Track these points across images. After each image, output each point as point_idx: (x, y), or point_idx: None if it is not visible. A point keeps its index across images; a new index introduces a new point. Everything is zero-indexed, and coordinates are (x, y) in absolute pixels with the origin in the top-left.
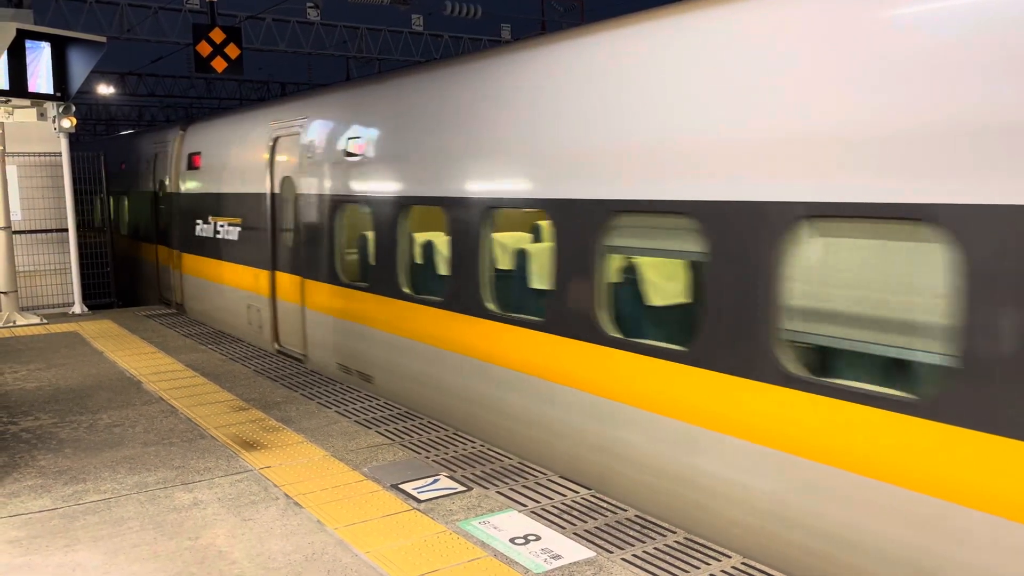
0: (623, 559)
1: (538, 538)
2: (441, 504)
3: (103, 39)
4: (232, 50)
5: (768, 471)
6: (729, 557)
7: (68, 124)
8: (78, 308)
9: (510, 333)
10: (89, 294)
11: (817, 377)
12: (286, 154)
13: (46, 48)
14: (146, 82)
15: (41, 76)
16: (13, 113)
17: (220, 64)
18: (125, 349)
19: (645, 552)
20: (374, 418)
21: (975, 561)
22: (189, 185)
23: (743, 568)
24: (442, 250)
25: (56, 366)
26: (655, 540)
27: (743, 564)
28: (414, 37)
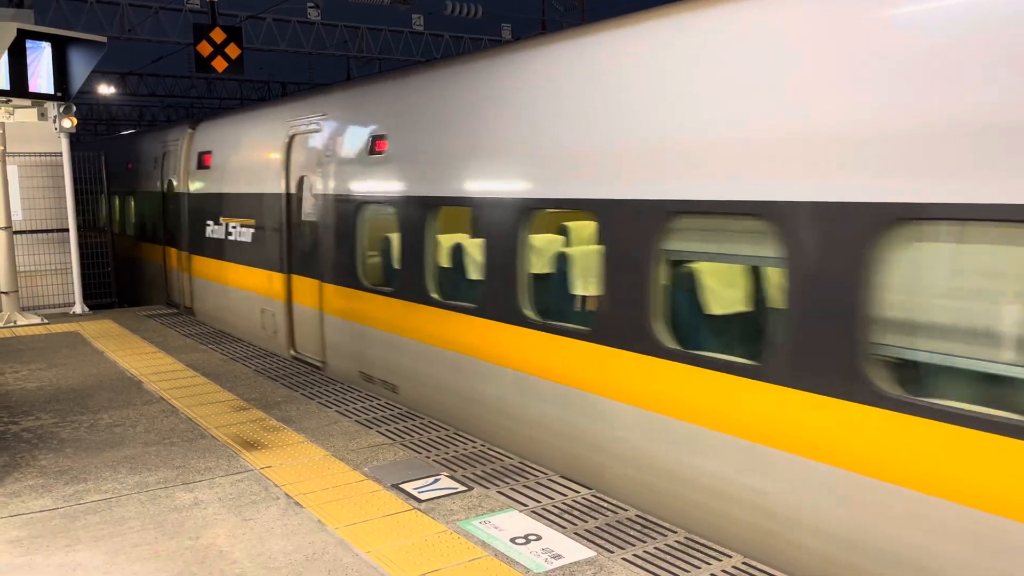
0: (624, 559)
1: (539, 538)
2: (442, 504)
3: (104, 39)
4: (233, 50)
5: (857, 499)
6: (730, 557)
7: (69, 124)
8: (79, 308)
9: (552, 343)
10: (90, 294)
11: (921, 398)
12: (303, 153)
13: (47, 48)
14: (147, 82)
15: (42, 76)
16: (14, 113)
17: (221, 64)
18: (126, 349)
19: (646, 552)
20: (375, 418)
21: None
22: (199, 185)
23: (744, 568)
24: (474, 254)
25: (57, 366)
26: (656, 540)
27: (744, 564)
28: (415, 37)
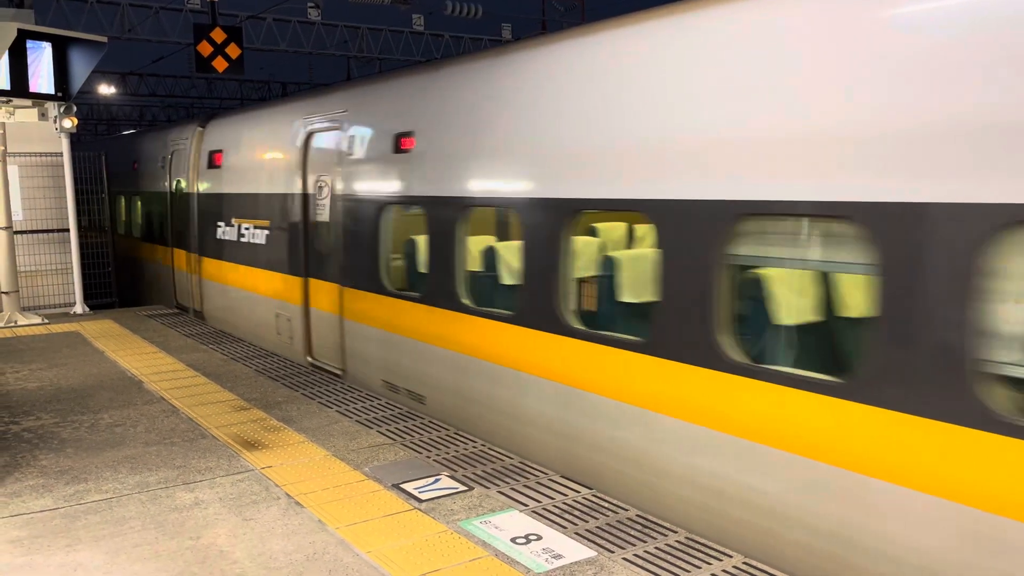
0: (624, 559)
1: (539, 538)
2: (442, 504)
3: (104, 39)
4: (233, 50)
5: (983, 535)
6: (730, 556)
7: (69, 124)
8: (79, 308)
9: (600, 354)
10: (90, 294)
11: None
12: (322, 151)
13: (47, 48)
14: (147, 82)
15: (42, 76)
16: (14, 113)
17: (221, 64)
18: (126, 349)
19: (646, 552)
20: (375, 418)
21: None
22: (209, 185)
23: (744, 568)
24: (510, 258)
25: (57, 366)
26: (656, 540)
27: (744, 564)
28: (415, 37)
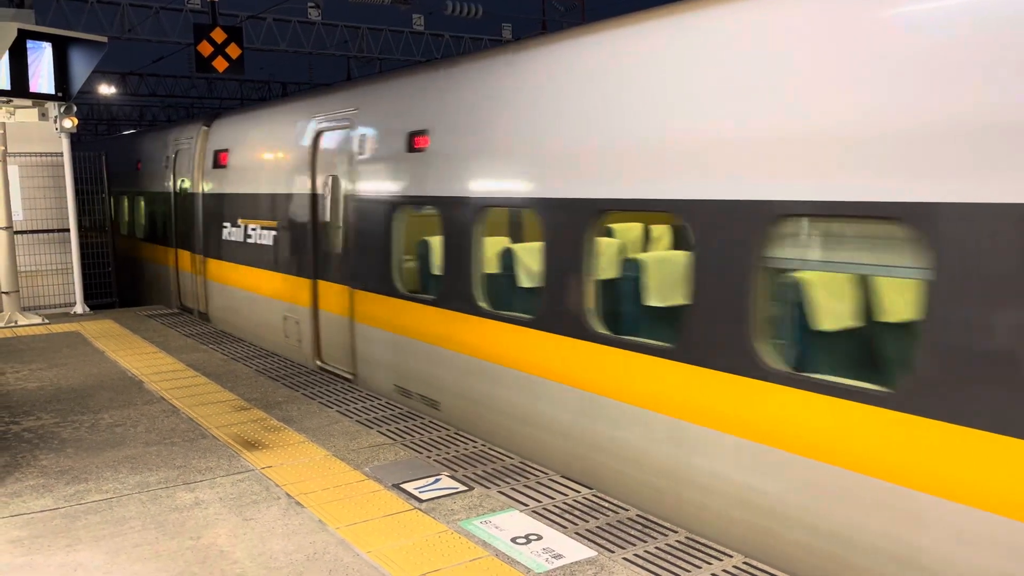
0: (624, 558)
1: (539, 538)
2: (442, 504)
3: (104, 39)
4: (233, 50)
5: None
6: (731, 556)
7: (69, 124)
8: (79, 308)
9: (626, 361)
10: (90, 294)
11: None
12: (332, 150)
13: (47, 48)
14: (147, 82)
15: (42, 76)
16: (15, 113)
17: (221, 64)
18: (127, 349)
19: (647, 551)
20: (375, 418)
21: None
22: (215, 185)
23: (744, 567)
24: (528, 260)
25: (58, 366)
26: (656, 540)
27: (744, 563)
28: (415, 37)
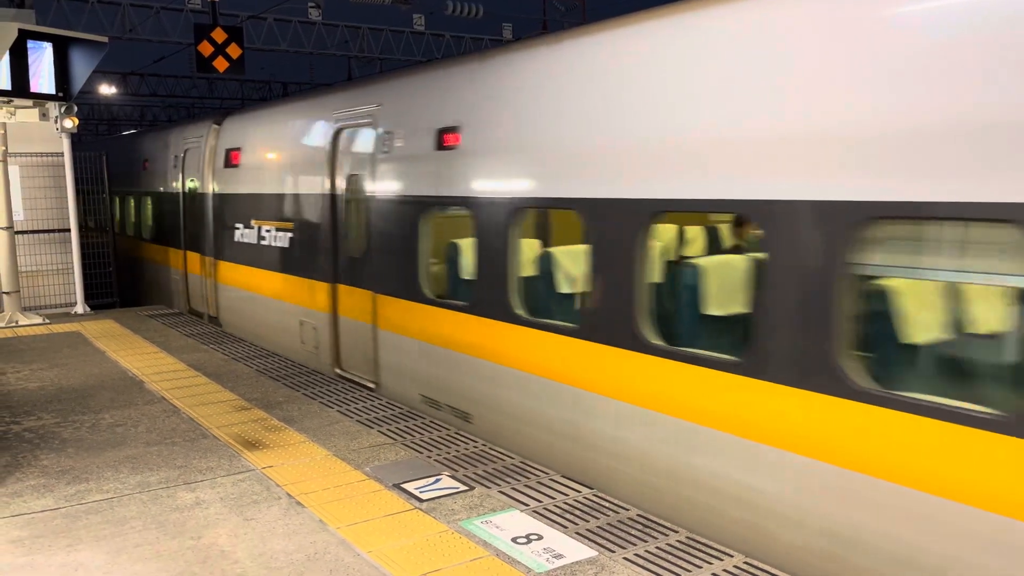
0: (625, 558)
1: (540, 537)
2: (443, 503)
3: (105, 39)
4: (234, 50)
5: None
6: (731, 556)
7: (70, 124)
8: (80, 308)
9: (684, 375)
10: (91, 294)
11: None
12: (353, 148)
13: (48, 48)
14: (148, 82)
15: (43, 76)
16: (15, 113)
17: (222, 64)
18: (127, 349)
19: (647, 551)
20: (376, 418)
21: None
22: (226, 185)
23: (745, 567)
24: (570, 264)
25: (58, 366)
26: (657, 539)
27: (745, 563)
28: (415, 37)
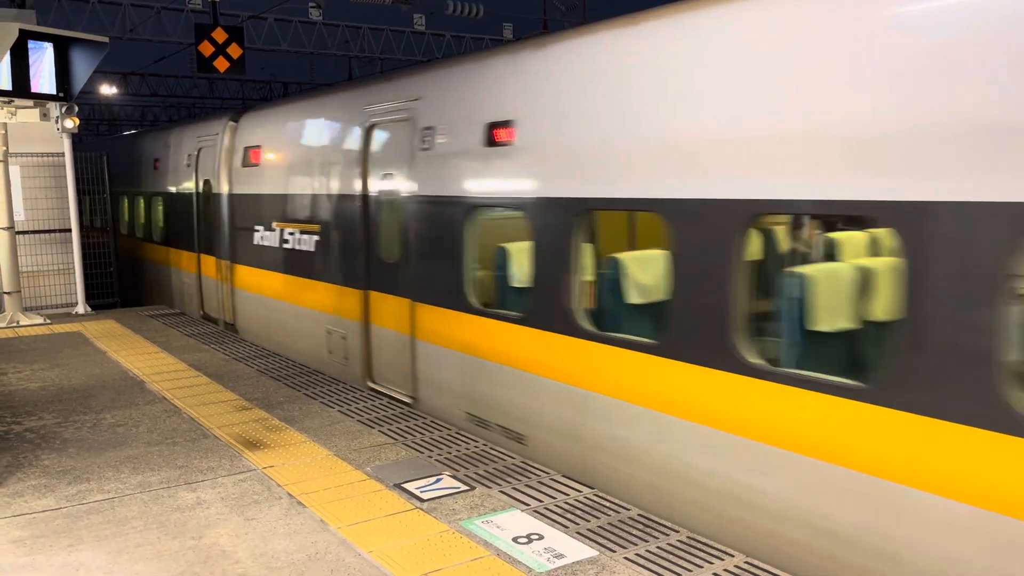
0: (626, 558)
1: (541, 537)
2: (444, 503)
3: (105, 39)
4: (234, 50)
5: None
6: (732, 556)
7: (71, 124)
8: (81, 308)
9: (797, 401)
10: (92, 294)
11: None
12: (387, 145)
13: (49, 48)
14: (149, 82)
15: (44, 76)
16: (16, 113)
17: (222, 64)
18: (128, 349)
19: (648, 551)
20: (377, 417)
21: None
22: (245, 185)
23: (746, 567)
24: (640, 272)
25: (59, 366)
26: (658, 539)
27: (746, 563)
28: (416, 36)
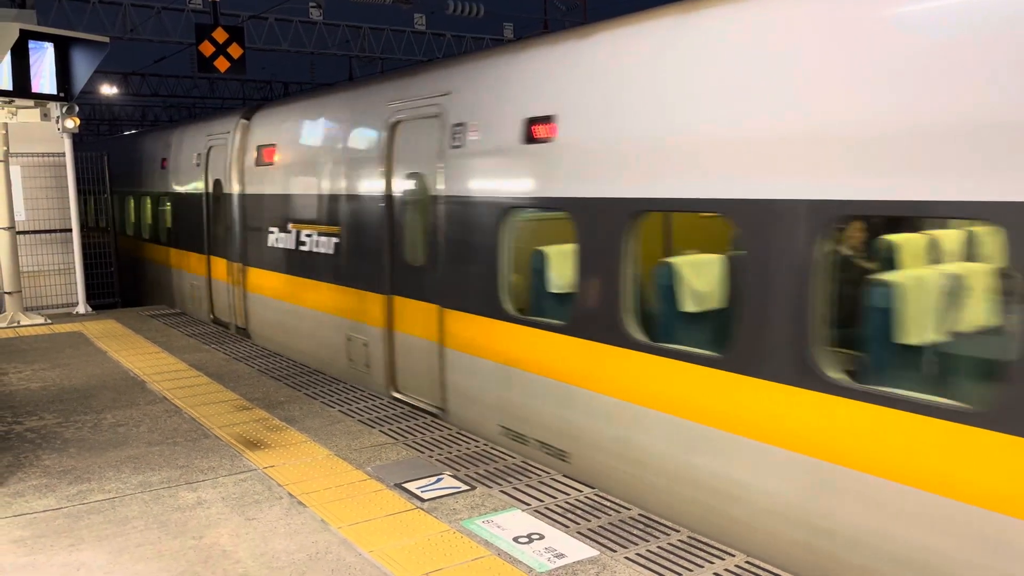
0: (627, 558)
1: (542, 537)
2: (445, 503)
3: (106, 39)
4: (235, 50)
5: None
6: (733, 556)
7: (71, 124)
8: (82, 308)
9: (887, 421)
10: (93, 294)
11: None
12: (414, 143)
13: (49, 48)
14: (149, 82)
15: (44, 76)
16: (17, 113)
17: (223, 64)
18: (129, 349)
19: (649, 551)
20: (377, 417)
21: None
22: (259, 185)
23: (746, 567)
24: (695, 278)
25: (60, 366)
26: (658, 539)
27: (747, 563)
28: (416, 36)
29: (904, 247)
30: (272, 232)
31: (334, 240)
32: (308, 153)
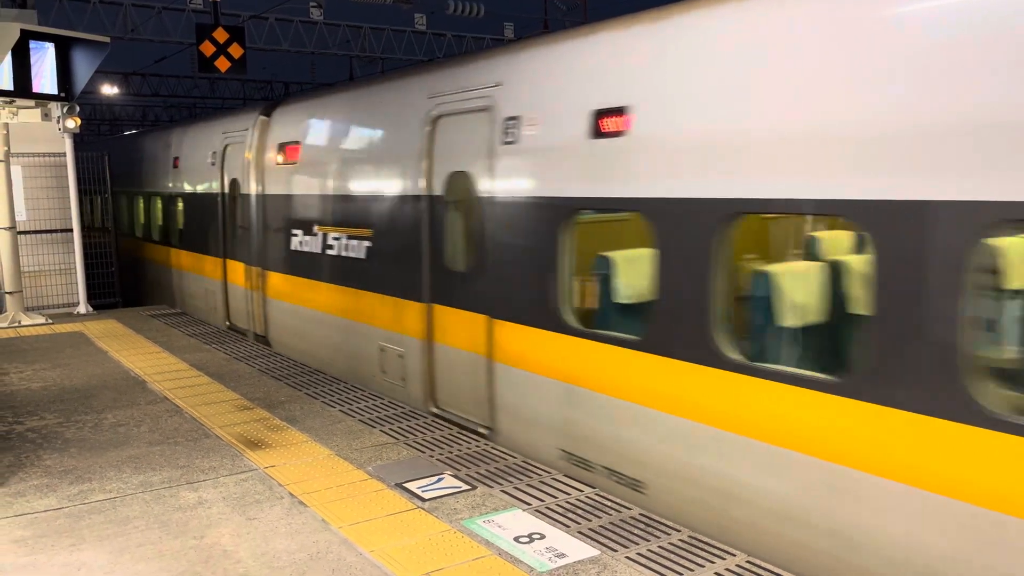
0: (627, 557)
1: (542, 536)
2: (445, 503)
3: (107, 39)
4: (235, 50)
5: None
6: (733, 555)
7: (72, 124)
8: (83, 308)
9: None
10: (93, 294)
11: None
12: (460, 139)
13: (50, 48)
14: (150, 82)
15: (45, 76)
16: (17, 114)
17: (223, 64)
18: (130, 349)
19: (649, 550)
20: (378, 417)
21: None
22: (281, 186)
23: (747, 566)
24: (794, 288)
25: (61, 366)
26: (659, 538)
27: (747, 562)
28: (417, 36)
29: None
30: (296, 235)
31: (365, 243)
32: (337, 151)
